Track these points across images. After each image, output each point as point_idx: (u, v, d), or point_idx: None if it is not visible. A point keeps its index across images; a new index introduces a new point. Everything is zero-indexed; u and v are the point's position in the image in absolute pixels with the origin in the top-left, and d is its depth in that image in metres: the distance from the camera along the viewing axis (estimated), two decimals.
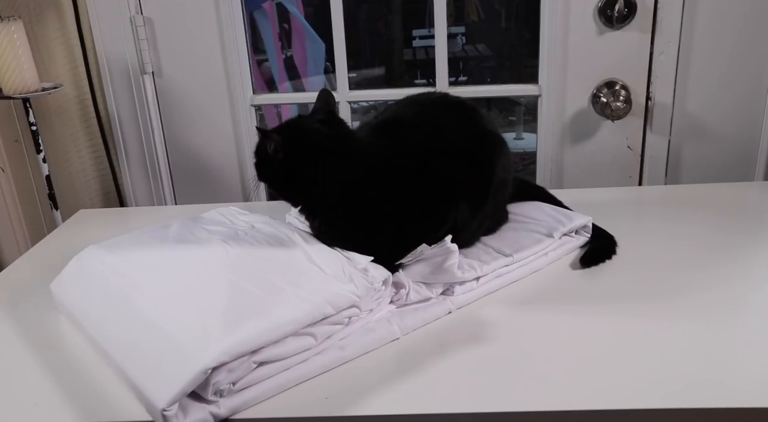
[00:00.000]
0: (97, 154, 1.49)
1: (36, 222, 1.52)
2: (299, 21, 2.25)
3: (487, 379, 0.62)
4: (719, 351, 0.66)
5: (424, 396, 0.61)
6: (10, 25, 1.20)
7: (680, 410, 0.57)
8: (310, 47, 2.27)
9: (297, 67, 2.25)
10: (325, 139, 0.80)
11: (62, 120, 1.45)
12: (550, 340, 0.69)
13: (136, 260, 0.77)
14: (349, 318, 0.68)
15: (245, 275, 0.71)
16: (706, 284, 0.79)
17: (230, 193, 1.49)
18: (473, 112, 0.90)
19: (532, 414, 0.58)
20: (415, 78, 3.71)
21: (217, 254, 0.77)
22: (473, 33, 3.75)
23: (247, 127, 1.43)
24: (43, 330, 0.76)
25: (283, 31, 2.31)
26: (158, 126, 1.44)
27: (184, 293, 0.69)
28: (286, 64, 2.29)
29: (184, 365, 0.57)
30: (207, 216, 0.91)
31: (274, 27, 2.19)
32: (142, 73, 1.38)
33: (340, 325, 0.67)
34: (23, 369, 0.68)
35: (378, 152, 0.82)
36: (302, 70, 2.25)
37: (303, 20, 2.26)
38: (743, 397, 0.58)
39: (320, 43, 2.34)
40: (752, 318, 0.73)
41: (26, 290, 0.86)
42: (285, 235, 0.82)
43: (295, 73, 2.26)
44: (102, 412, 0.60)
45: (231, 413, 0.58)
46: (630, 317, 0.72)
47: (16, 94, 1.24)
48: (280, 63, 2.23)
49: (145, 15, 1.36)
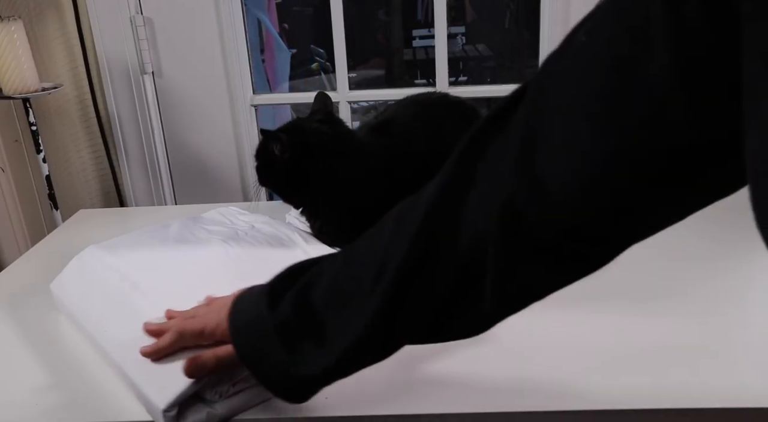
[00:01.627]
0: (97, 154, 1.49)
1: (36, 222, 1.52)
2: (267, 28, 2.25)
3: (487, 379, 0.62)
4: (719, 350, 0.66)
5: (424, 396, 0.61)
6: (10, 25, 1.20)
7: (680, 410, 0.57)
8: (278, 55, 2.27)
9: (267, 76, 2.25)
10: (326, 138, 0.80)
11: (62, 120, 1.45)
12: (550, 340, 0.69)
13: (137, 260, 0.77)
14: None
15: (246, 276, 0.71)
16: (706, 283, 0.79)
17: (230, 193, 1.49)
18: (473, 112, 0.90)
19: (532, 414, 0.58)
20: (415, 78, 3.72)
21: (217, 255, 0.77)
22: (473, 33, 3.75)
23: (247, 127, 1.43)
24: (43, 330, 0.76)
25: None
26: (158, 126, 1.44)
27: (185, 294, 0.69)
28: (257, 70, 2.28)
29: None
30: (207, 216, 0.92)
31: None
32: (142, 73, 1.38)
33: None
34: (23, 369, 0.68)
35: (377, 152, 0.82)
36: (271, 77, 2.24)
37: (271, 26, 2.26)
38: (743, 397, 0.58)
39: (286, 52, 2.34)
40: (753, 318, 0.73)
41: (26, 290, 0.86)
42: (285, 235, 0.82)
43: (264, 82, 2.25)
44: (102, 412, 0.60)
45: (231, 413, 0.58)
46: (630, 316, 0.72)
47: (16, 94, 1.24)
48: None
49: (145, 15, 1.36)
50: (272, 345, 0.51)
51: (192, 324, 0.59)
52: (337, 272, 0.52)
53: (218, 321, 0.56)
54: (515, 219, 0.42)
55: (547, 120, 0.40)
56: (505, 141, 0.43)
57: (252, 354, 0.53)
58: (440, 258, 0.46)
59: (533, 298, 0.47)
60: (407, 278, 0.47)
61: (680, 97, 0.33)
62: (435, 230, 0.46)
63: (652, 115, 0.35)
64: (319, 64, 3.35)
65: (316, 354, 0.50)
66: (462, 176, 0.46)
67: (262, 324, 0.52)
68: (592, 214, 0.40)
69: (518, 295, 0.47)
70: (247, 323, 0.53)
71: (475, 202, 0.44)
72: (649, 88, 0.34)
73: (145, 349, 0.60)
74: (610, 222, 0.41)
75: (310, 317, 0.51)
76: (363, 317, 0.48)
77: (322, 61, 3.31)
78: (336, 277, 0.51)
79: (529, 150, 0.41)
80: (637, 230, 0.41)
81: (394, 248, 0.47)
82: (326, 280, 0.52)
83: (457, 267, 0.46)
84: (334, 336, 0.50)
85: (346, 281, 0.50)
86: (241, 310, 0.55)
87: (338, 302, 0.50)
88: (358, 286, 0.49)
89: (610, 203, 0.39)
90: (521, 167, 0.41)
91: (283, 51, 2.34)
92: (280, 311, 0.52)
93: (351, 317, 0.49)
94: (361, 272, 0.49)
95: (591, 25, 0.38)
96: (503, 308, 0.48)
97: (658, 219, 0.41)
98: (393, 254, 0.47)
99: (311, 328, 0.51)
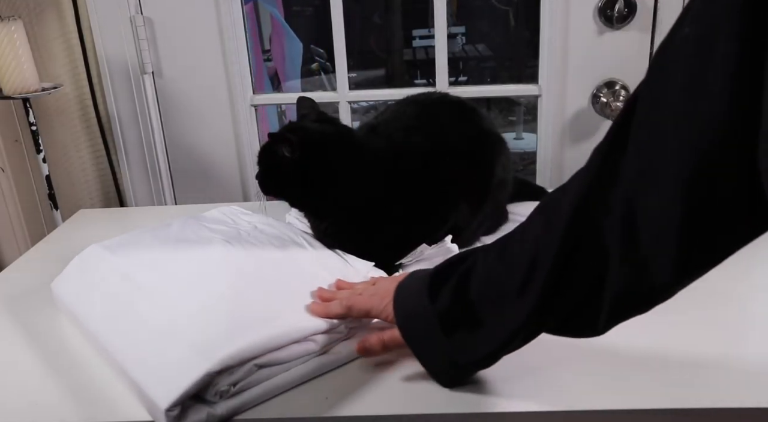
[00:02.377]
0: (97, 154, 1.49)
1: (36, 222, 1.52)
2: (278, 21, 2.24)
3: (487, 379, 0.62)
4: (719, 350, 0.66)
5: (424, 396, 0.61)
6: (10, 25, 1.20)
7: (680, 410, 0.57)
8: (289, 47, 2.26)
9: (276, 68, 2.24)
10: (330, 136, 0.79)
11: (62, 120, 1.45)
12: (549, 340, 0.69)
13: (138, 259, 0.77)
14: (350, 328, 0.68)
15: (249, 278, 0.71)
16: (705, 283, 0.79)
17: (230, 193, 1.49)
18: (473, 112, 0.90)
19: (532, 414, 0.58)
20: (415, 78, 3.72)
21: (219, 255, 0.77)
22: (473, 33, 3.75)
23: (247, 127, 1.43)
24: (43, 330, 0.76)
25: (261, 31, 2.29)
26: (158, 126, 1.44)
27: (188, 294, 0.69)
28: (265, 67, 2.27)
29: (188, 366, 0.57)
30: (209, 215, 0.91)
31: (254, 28, 2.17)
32: (142, 73, 1.38)
33: (341, 334, 0.67)
34: (23, 369, 0.68)
35: (379, 151, 0.82)
36: (280, 70, 2.23)
37: (282, 19, 2.25)
38: (743, 397, 0.58)
39: (298, 43, 2.33)
40: (753, 318, 0.73)
41: (26, 290, 0.86)
42: (288, 237, 0.82)
43: (274, 75, 2.25)
44: (102, 412, 0.60)
45: (231, 414, 0.58)
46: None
47: (16, 94, 1.24)
48: (260, 65, 2.20)
49: (145, 15, 1.36)
50: (435, 333, 0.57)
51: (360, 302, 0.64)
52: (492, 263, 0.56)
53: (383, 306, 0.62)
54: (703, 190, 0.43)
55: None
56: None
57: (417, 341, 0.59)
58: (592, 247, 0.49)
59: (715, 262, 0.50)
60: (562, 266, 0.50)
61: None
62: (585, 221, 0.49)
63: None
64: (319, 64, 3.35)
65: (476, 342, 0.56)
66: (606, 169, 0.48)
67: (425, 314, 0.57)
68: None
69: (701, 262, 0.50)
70: (412, 313, 0.59)
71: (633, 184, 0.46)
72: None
73: (315, 308, 0.66)
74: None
75: (469, 307, 0.55)
76: (522, 306, 0.52)
77: (322, 61, 3.31)
78: (491, 268, 0.55)
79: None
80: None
81: (546, 242, 0.51)
82: (482, 271, 0.56)
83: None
84: (494, 326, 0.55)
85: (502, 272, 0.54)
86: (406, 298, 0.60)
87: (494, 293, 0.54)
88: (511, 279, 0.53)
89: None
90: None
91: (295, 43, 2.32)
92: (441, 302, 0.57)
93: (509, 306, 0.53)
94: (515, 267, 0.53)
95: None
96: (687, 277, 0.51)
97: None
98: (546, 246, 0.51)
99: (471, 318, 0.55)
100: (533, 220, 0.55)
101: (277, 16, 2.23)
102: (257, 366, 0.60)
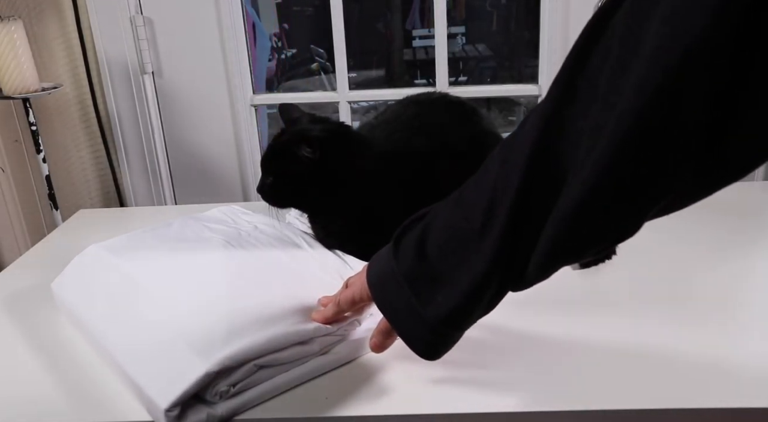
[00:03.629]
0: (97, 154, 1.49)
1: (36, 222, 1.52)
2: (250, 14, 2.21)
3: (487, 379, 0.62)
4: (719, 350, 0.66)
5: (424, 396, 0.61)
6: (10, 25, 1.20)
7: (680, 410, 0.57)
8: (259, 43, 2.22)
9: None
10: (336, 135, 0.79)
11: (62, 120, 1.45)
12: (549, 340, 0.69)
13: (139, 259, 0.77)
14: (350, 329, 0.68)
15: (249, 279, 0.71)
16: (705, 283, 0.79)
17: (230, 193, 1.49)
18: (473, 112, 0.90)
19: (532, 414, 0.58)
20: (415, 78, 3.72)
21: (220, 255, 0.76)
22: (473, 33, 3.76)
23: (247, 127, 1.43)
24: (43, 330, 0.76)
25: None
26: (158, 126, 1.44)
27: (188, 295, 0.69)
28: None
29: (188, 366, 0.57)
30: (209, 214, 0.91)
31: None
32: (142, 73, 1.38)
33: (340, 336, 0.67)
34: (23, 369, 0.68)
35: (381, 151, 0.82)
36: (252, 66, 2.22)
37: (253, 13, 2.22)
38: (743, 397, 0.58)
39: (267, 40, 2.30)
40: (752, 318, 0.73)
41: (26, 290, 0.86)
42: (288, 238, 0.82)
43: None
44: (102, 412, 0.60)
45: (230, 414, 0.58)
46: (629, 317, 0.72)
47: (16, 94, 1.24)
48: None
49: (145, 15, 1.36)
50: (403, 293, 0.54)
51: (345, 294, 0.63)
52: (450, 211, 0.54)
53: (361, 284, 0.60)
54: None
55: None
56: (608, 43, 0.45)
57: (388, 305, 0.57)
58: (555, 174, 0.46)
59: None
60: (524, 205, 0.48)
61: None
62: (551, 144, 0.46)
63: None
64: (319, 64, 3.35)
65: (441, 295, 0.53)
66: (569, 91, 0.47)
67: (391, 273, 0.55)
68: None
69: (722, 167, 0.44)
70: (381, 278, 0.57)
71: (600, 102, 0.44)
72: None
73: (315, 316, 0.66)
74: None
75: (430, 260, 0.53)
76: (486, 248, 0.50)
77: (322, 61, 3.32)
78: (449, 216, 0.54)
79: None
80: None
81: (504, 179, 0.49)
82: (440, 220, 0.54)
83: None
84: (458, 275, 0.52)
85: (460, 217, 0.52)
86: (375, 264, 0.59)
87: (455, 240, 0.52)
88: (470, 223, 0.51)
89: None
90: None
91: (263, 36, 2.27)
92: (404, 260, 0.55)
93: (472, 251, 0.51)
94: (473, 209, 0.51)
95: None
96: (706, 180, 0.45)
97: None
98: (505, 185, 0.48)
99: (433, 270, 0.53)
100: (487, 164, 0.53)
101: (250, 10, 2.18)
102: (257, 367, 0.60)
